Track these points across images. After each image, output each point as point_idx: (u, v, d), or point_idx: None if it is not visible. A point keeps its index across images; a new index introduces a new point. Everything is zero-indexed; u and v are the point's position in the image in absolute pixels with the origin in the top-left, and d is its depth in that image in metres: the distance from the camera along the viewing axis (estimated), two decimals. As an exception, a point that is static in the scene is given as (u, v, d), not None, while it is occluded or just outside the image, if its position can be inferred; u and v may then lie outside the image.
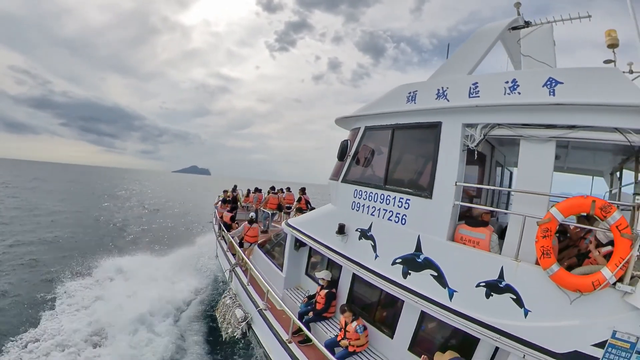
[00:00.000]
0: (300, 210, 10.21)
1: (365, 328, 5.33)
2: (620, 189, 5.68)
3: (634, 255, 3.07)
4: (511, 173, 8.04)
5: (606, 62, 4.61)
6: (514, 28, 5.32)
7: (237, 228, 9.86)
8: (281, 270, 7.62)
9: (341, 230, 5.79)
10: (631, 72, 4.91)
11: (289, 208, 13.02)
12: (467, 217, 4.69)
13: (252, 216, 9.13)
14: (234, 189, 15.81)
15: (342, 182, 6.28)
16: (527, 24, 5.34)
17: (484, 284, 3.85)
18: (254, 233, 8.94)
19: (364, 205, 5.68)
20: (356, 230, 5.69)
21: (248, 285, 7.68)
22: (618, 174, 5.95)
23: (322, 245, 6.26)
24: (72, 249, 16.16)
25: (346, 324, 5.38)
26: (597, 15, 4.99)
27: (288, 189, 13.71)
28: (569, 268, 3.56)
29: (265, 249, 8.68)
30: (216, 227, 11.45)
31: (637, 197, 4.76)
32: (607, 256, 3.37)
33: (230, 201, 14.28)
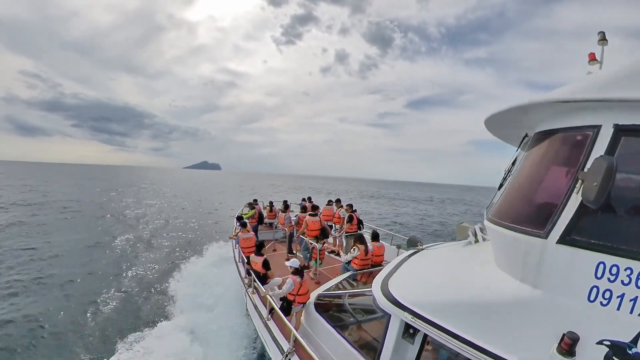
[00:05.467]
0: (360, 240, 6.97)
1: None
2: None
3: None
4: None
5: None
6: None
7: (273, 277, 6.64)
8: None
9: (571, 350, 2.50)
10: None
11: (331, 227, 9.79)
12: None
13: (299, 266, 5.76)
14: (254, 203, 11.87)
15: (560, 242, 2.79)
16: None
17: None
18: (306, 289, 5.57)
19: (622, 297, 2.40)
20: (603, 342, 2.44)
21: None
22: None
23: None
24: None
25: None
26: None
27: (329, 202, 10.34)
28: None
29: (329, 317, 5.46)
30: (241, 271, 7.82)
31: None
32: None
33: (257, 223, 10.76)
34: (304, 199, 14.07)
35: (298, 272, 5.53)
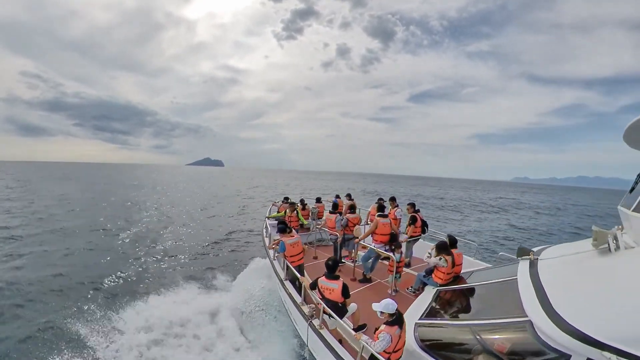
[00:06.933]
0: (445, 250, 5.42)
1: None
2: None
3: None
4: None
5: None
6: None
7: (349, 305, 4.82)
8: None
9: None
10: None
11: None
12: None
13: (395, 312, 3.74)
14: (285, 202, 10.32)
15: None
16: None
17: None
18: (404, 341, 3.85)
19: None
20: None
21: None
22: None
23: None
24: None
25: None
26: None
27: (384, 200, 8.60)
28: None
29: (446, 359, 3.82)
30: (292, 293, 5.92)
31: None
32: None
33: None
34: (337, 196, 12.38)
35: (397, 320, 3.75)
